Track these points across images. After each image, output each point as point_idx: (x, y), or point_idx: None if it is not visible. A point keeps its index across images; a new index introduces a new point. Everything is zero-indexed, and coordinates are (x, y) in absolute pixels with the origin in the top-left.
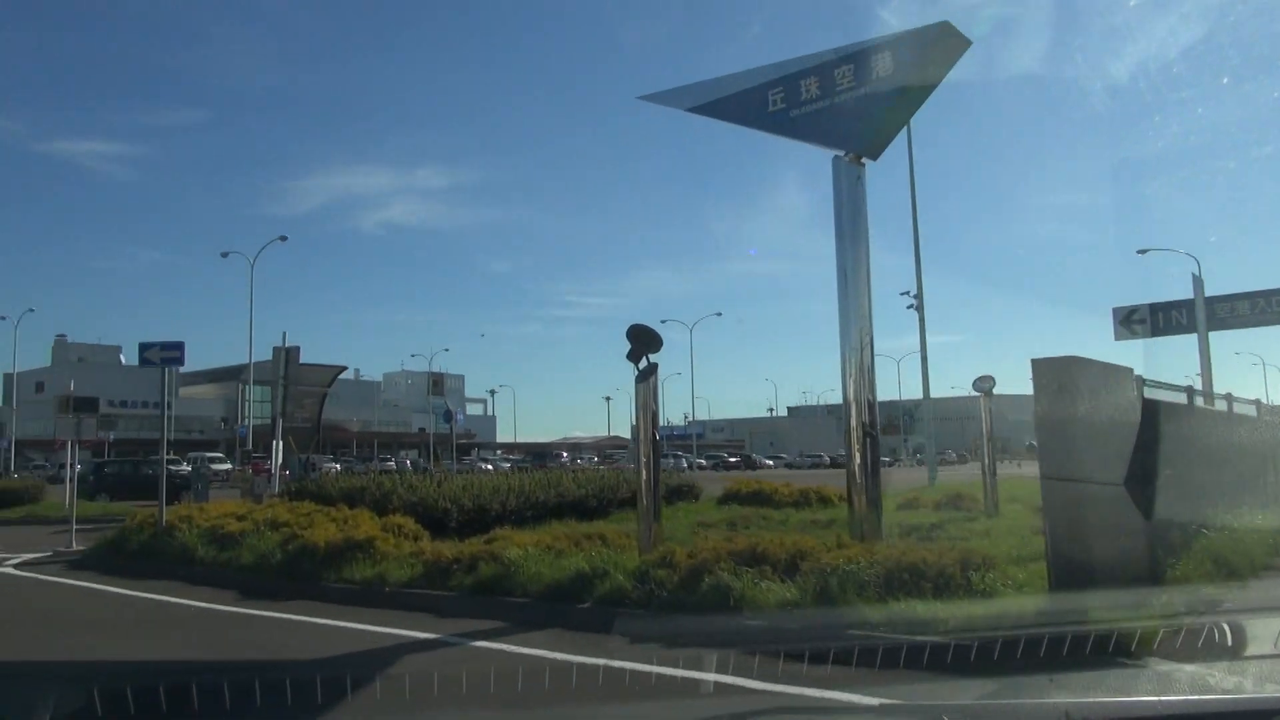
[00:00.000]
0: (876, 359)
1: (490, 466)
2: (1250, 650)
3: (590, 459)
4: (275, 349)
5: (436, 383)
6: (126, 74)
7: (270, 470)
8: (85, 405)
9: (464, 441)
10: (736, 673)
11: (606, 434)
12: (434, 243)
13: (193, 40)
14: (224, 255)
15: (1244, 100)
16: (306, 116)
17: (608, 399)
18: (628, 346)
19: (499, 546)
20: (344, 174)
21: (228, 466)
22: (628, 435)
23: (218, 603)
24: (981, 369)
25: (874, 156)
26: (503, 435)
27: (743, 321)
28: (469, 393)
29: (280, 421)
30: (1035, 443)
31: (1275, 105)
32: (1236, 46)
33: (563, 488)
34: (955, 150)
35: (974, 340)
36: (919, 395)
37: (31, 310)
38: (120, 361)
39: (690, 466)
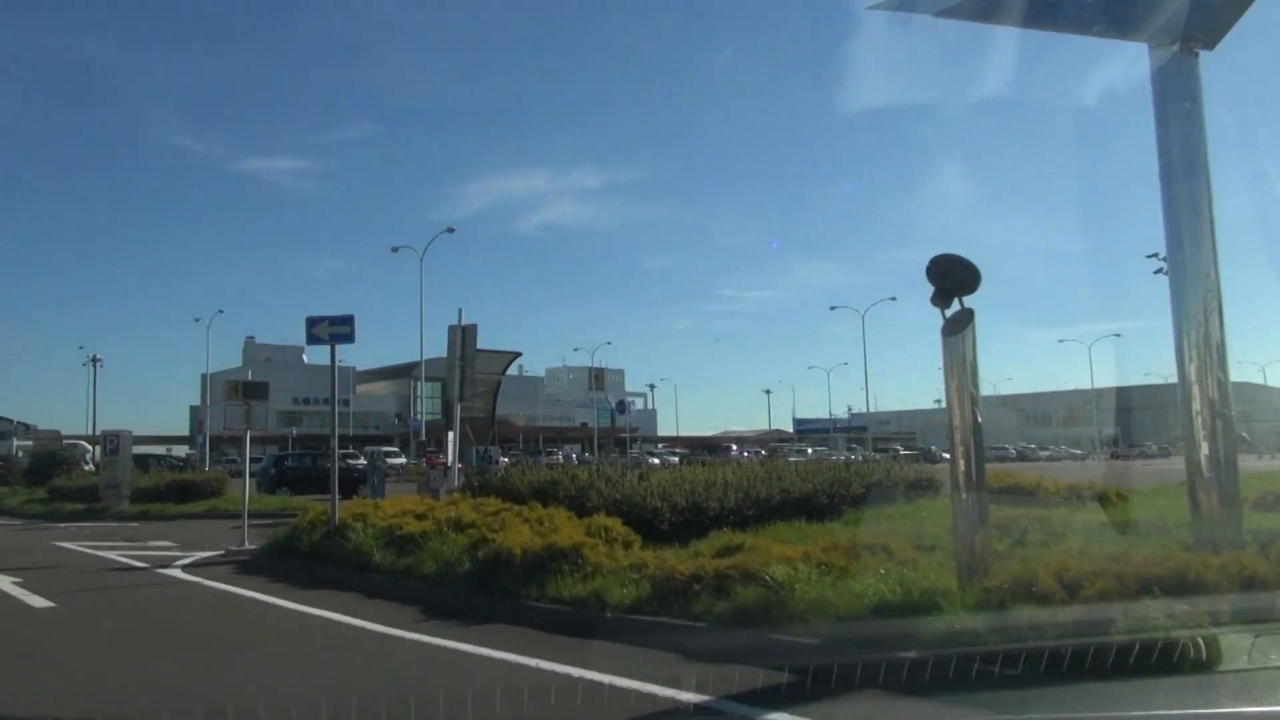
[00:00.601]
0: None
1: (657, 460)
2: None
3: (756, 452)
4: (451, 328)
5: (597, 377)
6: (306, 96)
7: (446, 464)
8: (255, 391)
9: (626, 435)
10: None
11: (768, 427)
12: (591, 241)
13: (365, 60)
14: (395, 250)
15: None
16: (468, 125)
17: (767, 392)
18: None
19: (752, 560)
20: (503, 178)
21: (402, 460)
22: (789, 428)
23: (395, 624)
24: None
25: (1210, 45)
26: (663, 429)
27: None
28: (629, 387)
29: (458, 408)
30: None
31: None
32: None
33: (786, 483)
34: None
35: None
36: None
37: (221, 312)
38: (303, 360)
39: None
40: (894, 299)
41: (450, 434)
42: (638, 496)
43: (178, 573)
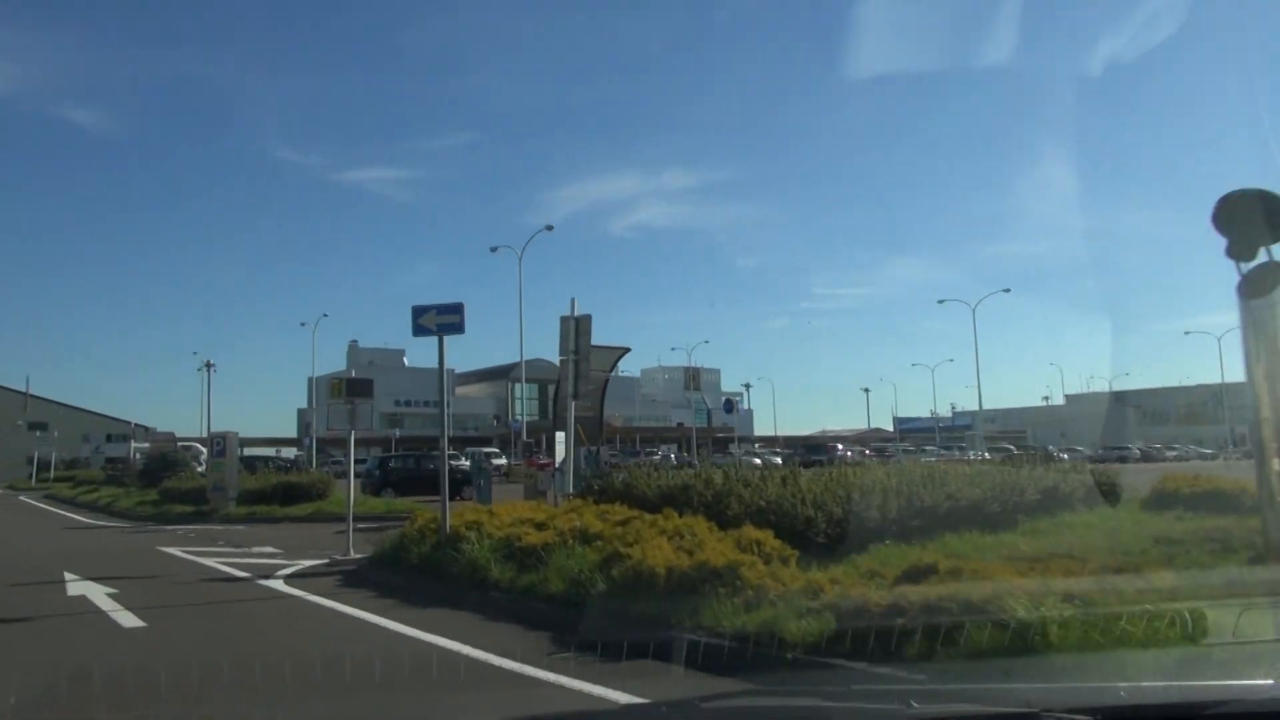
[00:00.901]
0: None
1: (758, 460)
2: None
3: (861, 451)
4: (563, 319)
5: (693, 377)
6: (404, 107)
7: (554, 465)
8: (359, 389)
9: (723, 435)
10: None
11: (866, 426)
12: (683, 242)
13: (459, 70)
14: (494, 250)
15: None
16: (559, 130)
17: (866, 391)
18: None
19: (973, 589)
20: (594, 181)
21: (503, 461)
22: (888, 427)
23: (524, 657)
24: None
25: None
26: (759, 429)
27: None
28: (725, 387)
29: (572, 406)
30: None
31: None
32: None
33: (951, 488)
34: None
35: None
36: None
37: (325, 316)
38: (404, 364)
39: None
40: (1008, 290)
41: (560, 434)
42: (787, 504)
43: (279, 584)
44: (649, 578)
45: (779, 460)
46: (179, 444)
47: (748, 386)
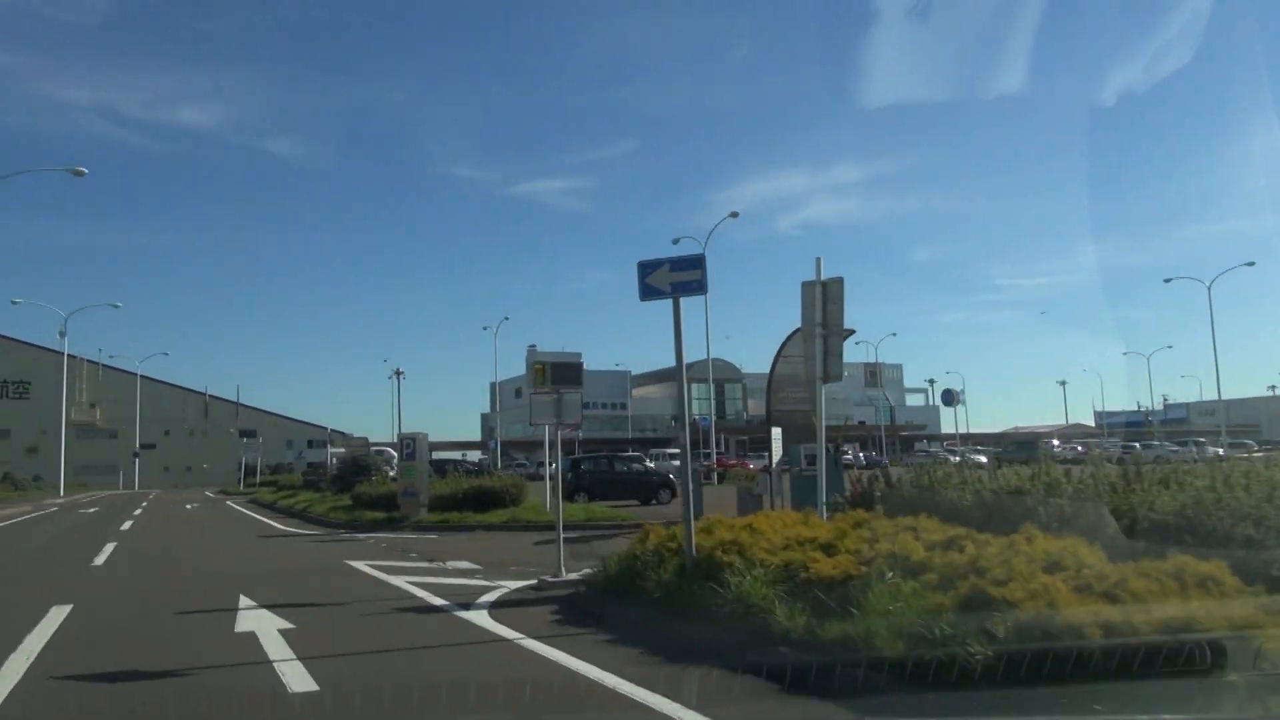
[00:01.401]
0: None
1: (957, 458)
2: None
3: (1071, 448)
4: (806, 286)
5: (873, 374)
6: (569, 120)
7: (768, 466)
8: (566, 375)
9: (909, 434)
10: None
11: (1064, 421)
12: (853, 237)
13: (621, 80)
14: (675, 242)
15: None
16: (722, 132)
17: (1063, 383)
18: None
19: None
20: (759, 181)
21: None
22: (1089, 422)
23: None
24: None
25: None
26: (945, 426)
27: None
28: (907, 383)
29: (821, 392)
30: None
31: None
32: None
33: None
34: None
35: None
36: None
37: (507, 319)
38: (582, 365)
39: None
40: (1252, 264)
41: (776, 430)
42: (1207, 517)
43: (484, 619)
44: (1067, 634)
45: (983, 458)
46: (371, 448)
47: (931, 382)
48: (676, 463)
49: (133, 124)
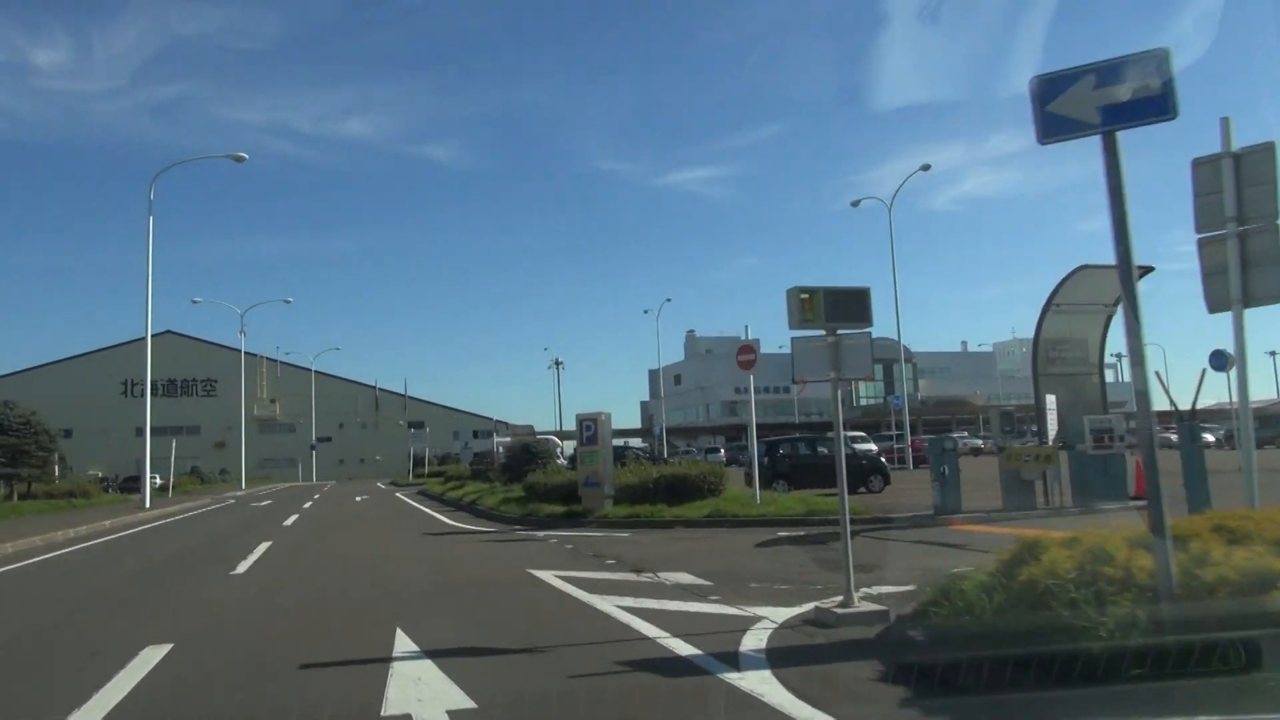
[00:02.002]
0: None
1: (1211, 438)
2: None
3: None
4: (1198, 163)
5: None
6: (713, 108)
7: (1055, 444)
8: (847, 308)
9: (1120, 411)
10: None
11: (1277, 395)
12: (1014, 210)
13: (762, 63)
14: (854, 204)
15: None
16: (872, 109)
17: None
18: None
19: None
20: (912, 158)
21: (871, 447)
22: None
23: None
24: None
25: None
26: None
27: None
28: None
29: (1241, 319)
30: None
31: None
32: None
33: None
34: None
35: None
36: None
37: (669, 300)
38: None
39: None
40: None
41: (1050, 398)
42: None
43: (772, 689)
44: None
45: (1209, 438)
46: (538, 436)
47: (1120, 357)
48: (861, 446)
49: (303, 139)
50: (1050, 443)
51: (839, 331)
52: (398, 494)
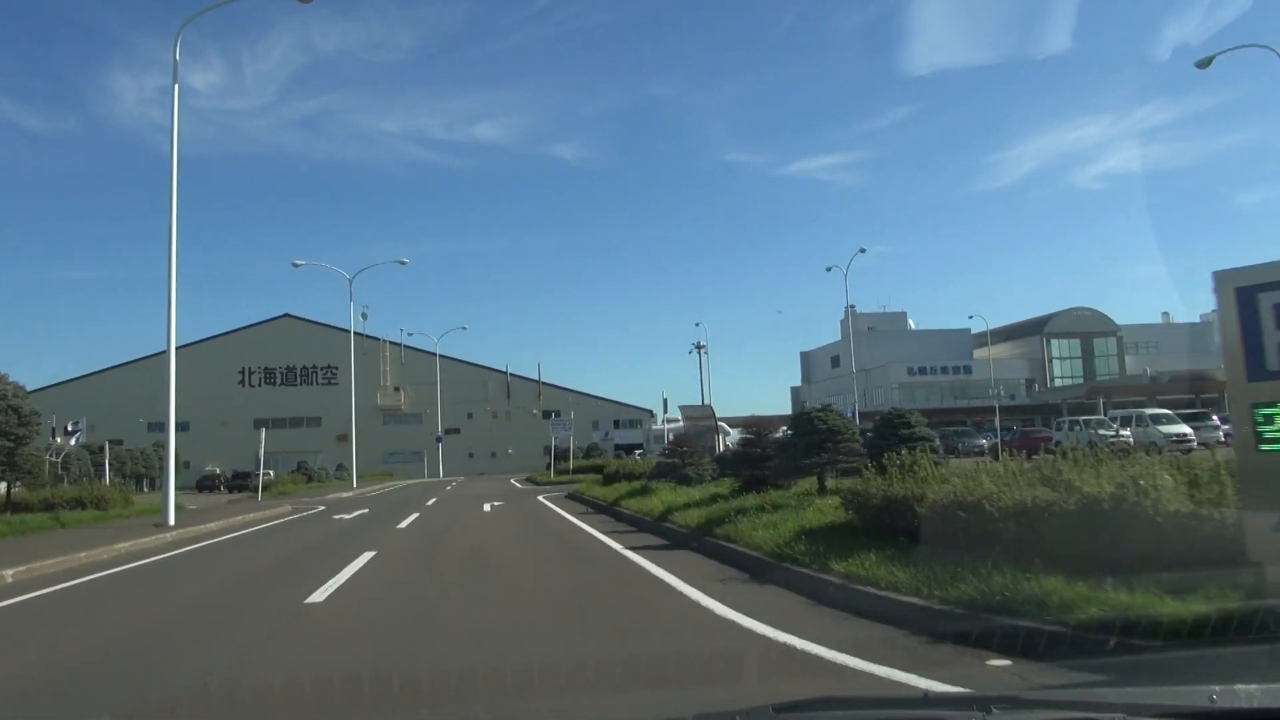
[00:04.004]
0: None
1: None
2: None
3: None
4: None
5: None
6: (838, 92)
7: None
8: None
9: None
10: None
11: None
12: (1164, 184)
13: (890, 44)
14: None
15: None
16: (1003, 86)
17: None
18: None
19: None
20: (1051, 135)
21: (1184, 429)
22: None
23: None
24: None
25: None
26: None
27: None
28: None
29: None
30: None
31: None
32: None
33: None
34: None
35: None
36: None
37: (829, 269)
38: (910, 326)
39: None
40: None
41: None
42: None
43: None
44: None
45: None
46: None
47: None
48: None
49: (437, 145)
50: None
51: None
52: (540, 497)
